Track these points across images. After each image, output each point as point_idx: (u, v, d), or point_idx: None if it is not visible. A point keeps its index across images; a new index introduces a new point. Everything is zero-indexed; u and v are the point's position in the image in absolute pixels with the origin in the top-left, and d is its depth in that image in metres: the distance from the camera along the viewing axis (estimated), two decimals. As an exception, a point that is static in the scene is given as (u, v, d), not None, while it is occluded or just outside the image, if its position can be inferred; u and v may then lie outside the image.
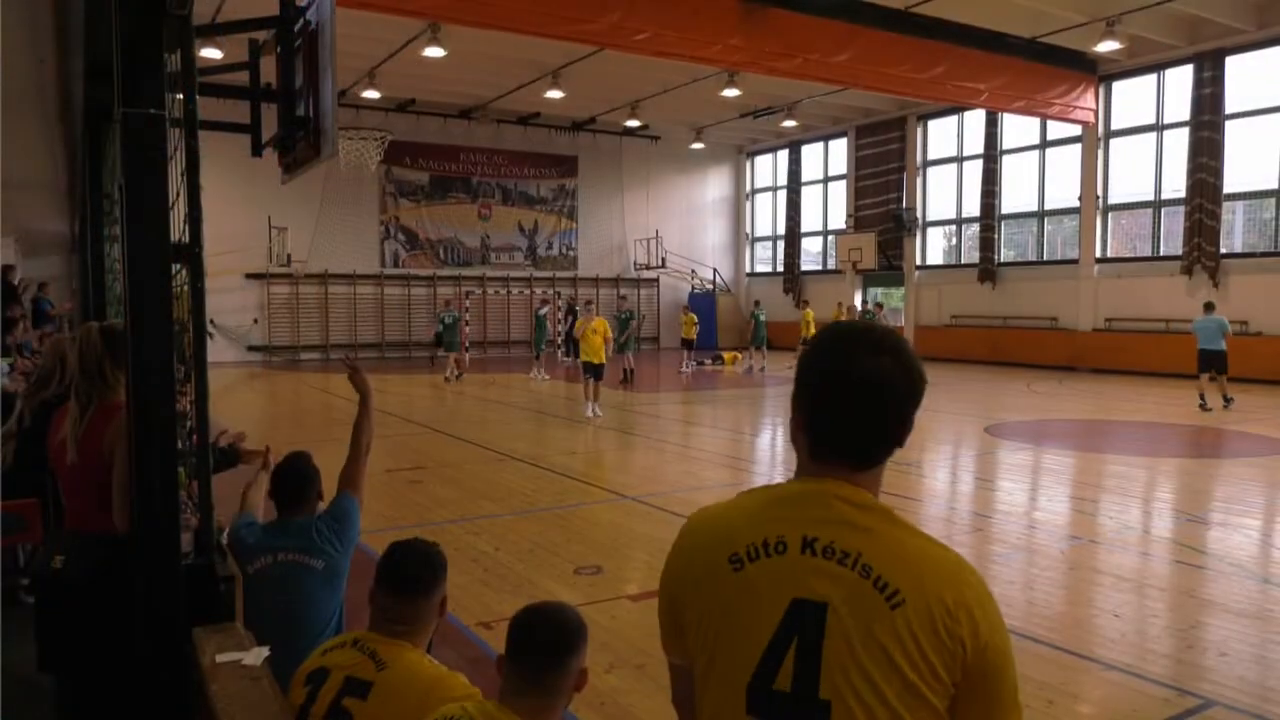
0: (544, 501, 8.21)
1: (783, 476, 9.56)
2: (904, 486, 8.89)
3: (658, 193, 32.34)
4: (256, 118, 4.44)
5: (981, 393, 17.39)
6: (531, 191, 30.35)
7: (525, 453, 10.78)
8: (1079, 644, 4.84)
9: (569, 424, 13.48)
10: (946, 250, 27.72)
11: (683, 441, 11.88)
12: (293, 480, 3.36)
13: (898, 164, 27.51)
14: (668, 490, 8.66)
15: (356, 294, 27.45)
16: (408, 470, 9.72)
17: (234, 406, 15.66)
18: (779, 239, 32.75)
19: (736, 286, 33.85)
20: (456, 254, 29.20)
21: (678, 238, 32.30)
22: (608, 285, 31.51)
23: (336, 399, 17.32)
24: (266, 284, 26.15)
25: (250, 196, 24.32)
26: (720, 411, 15.75)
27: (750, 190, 34.12)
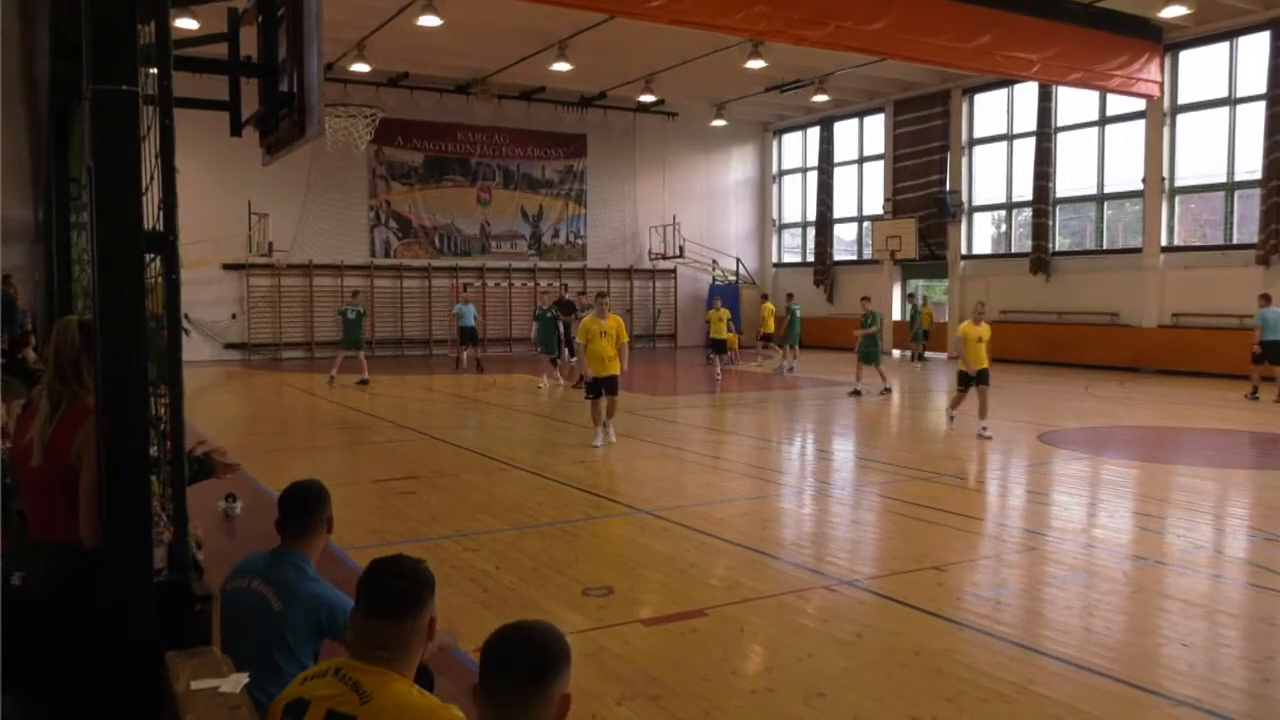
0: (549, 515, 8.22)
1: (813, 488, 9.51)
2: (949, 501, 8.85)
3: (675, 175, 32.33)
4: (236, 94, 4.47)
5: (1034, 397, 17.29)
6: (536, 173, 30.40)
7: (528, 461, 10.79)
8: (1143, 676, 4.81)
9: (577, 430, 13.50)
10: (995, 238, 27.57)
11: (703, 450, 11.86)
12: (295, 506, 3.38)
13: (940, 142, 27.39)
14: (687, 504, 8.65)
15: (344, 286, 27.56)
16: (399, 480, 9.74)
17: (210, 409, 15.75)
18: (809, 226, 32.67)
19: (762, 278, 33.79)
20: (453, 242, 29.30)
21: (697, 224, 32.28)
22: (620, 276, 31.52)
23: (321, 401, 17.40)
24: (246, 275, 26.31)
25: (229, 180, 24.43)
26: (745, 416, 15.71)
27: (777, 172, 34.05)
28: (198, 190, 22.24)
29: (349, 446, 12.31)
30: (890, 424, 15.02)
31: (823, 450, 12.27)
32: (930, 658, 5.00)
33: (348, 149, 21.16)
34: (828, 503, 9.01)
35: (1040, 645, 5.21)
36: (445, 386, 19.75)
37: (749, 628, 5.48)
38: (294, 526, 3.33)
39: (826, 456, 11.82)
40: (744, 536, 7.44)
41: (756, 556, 6.94)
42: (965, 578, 6.48)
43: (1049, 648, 5.17)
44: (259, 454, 11.28)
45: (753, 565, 6.76)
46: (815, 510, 8.78)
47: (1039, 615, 5.77)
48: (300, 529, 3.34)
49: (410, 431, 13.31)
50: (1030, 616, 5.74)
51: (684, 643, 5.23)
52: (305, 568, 3.27)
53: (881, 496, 9.11)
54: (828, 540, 7.55)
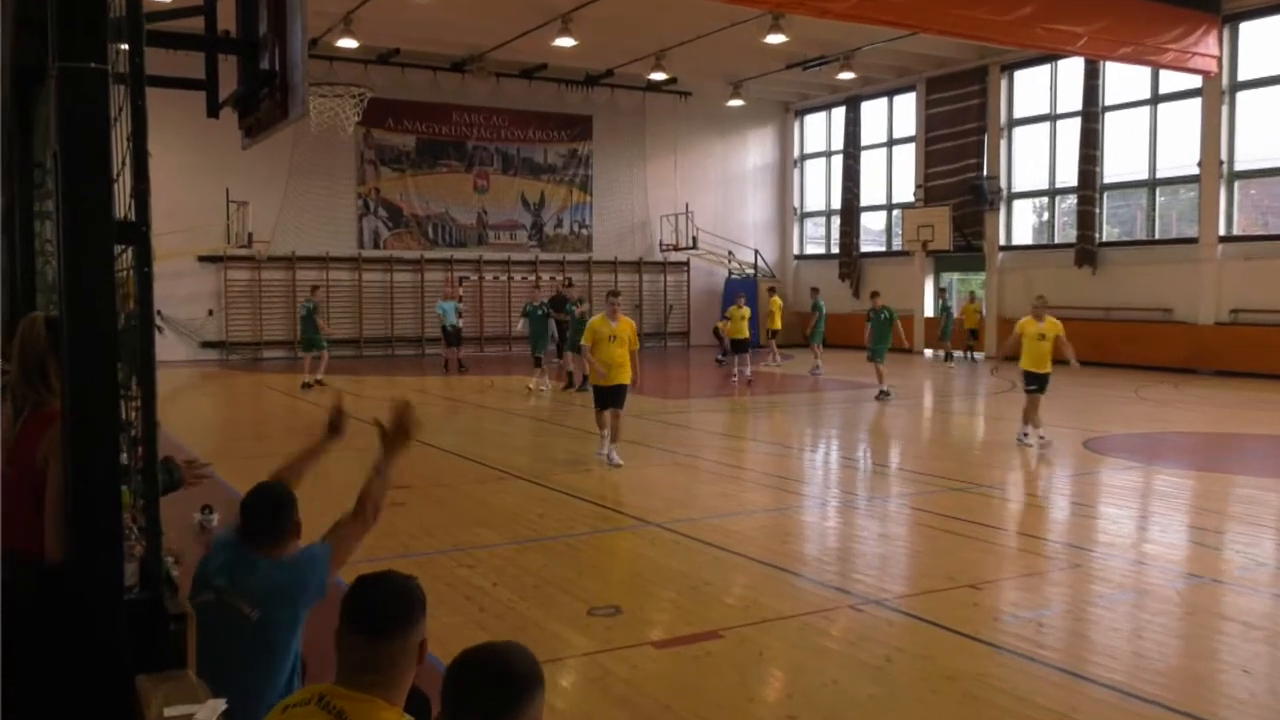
0: (551, 528, 8.23)
1: (837, 499, 9.50)
2: (986, 514, 8.83)
3: (688, 159, 32.35)
4: (213, 72, 4.49)
5: (1079, 400, 17.23)
6: (537, 158, 30.45)
7: (529, 470, 10.82)
8: (1198, 704, 4.79)
9: (581, 435, 13.51)
10: (1036, 227, 27.49)
11: (719, 458, 11.86)
12: (260, 509, 3.38)
13: (977, 124, 27.34)
14: (700, 516, 8.66)
15: (330, 280, 27.63)
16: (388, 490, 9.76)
17: (185, 413, 15.81)
18: (833, 214, 32.64)
19: (782, 271, 33.77)
20: (448, 232, 29.36)
21: (712, 213, 32.29)
22: (628, 270, 31.55)
23: (304, 404, 17.46)
24: (223, 268, 26.42)
25: (205, 166, 24.51)
26: (764, 421, 15.69)
27: (799, 156, 34.03)
28: (172, 176, 22.35)
29: (332, 453, 12.31)
30: (922, 430, 14.98)
31: (848, 458, 12.25)
32: (965, 684, 4.99)
33: (334, 132, 21.21)
34: (854, 515, 9.00)
35: (1085, 671, 5.19)
36: (438, 388, 19.80)
37: (768, 651, 5.48)
38: (259, 535, 3.34)
39: (852, 465, 11.81)
40: (763, 552, 7.44)
41: (776, 573, 6.93)
42: (1003, 597, 6.46)
43: (1095, 673, 5.15)
44: (237, 461, 11.32)
45: (772, 583, 6.75)
46: (840, 523, 8.77)
47: (1084, 638, 5.75)
48: (266, 537, 3.34)
49: (401, 437, 13.34)
50: (1075, 639, 5.72)
51: (698, 667, 5.23)
52: (262, 563, 3.28)
53: (912, 509, 9.09)
54: (854, 556, 7.54)
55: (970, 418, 16.76)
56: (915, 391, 19.72)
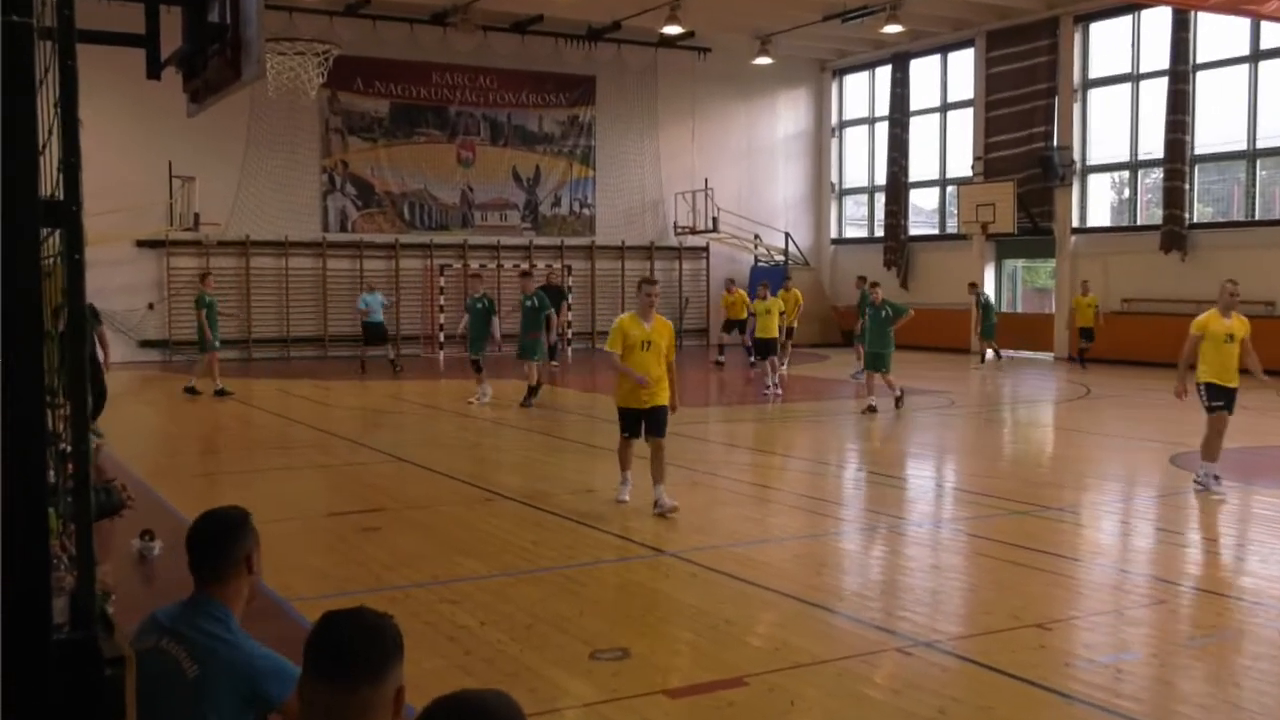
0: (548, 557, 8.25)
1: (881, 524, 9.43)
2: (1056, 541, 8.81)
3: (708, 128, 32.37)
4: (154, 26, 4.50)
5: (1165, 408, 17.15)
6: (531, 126, 30.51)
7: (522, 489, 10.83)
8: (1304, 764, 4.77)
9: (584, 451, 13.50)
10: (1115, 206, 27.41)
11: (743, 475, 11.85)
12: (200, 539, 3.39)
13: (1046, 85, 27.28)
14: (721, 543, 8.66)
15: (289, 269, 27.74)
16: (359, 513, 9.79)
17: (122, 424, 15.86)
18: (877, 191, 32.61)
19: (818, 257, 33.75)
20: (428, 213, 29.44)
21: (735, 190, 32.30)
22: (637, 256, 31.58)
23: (260, 413, 17.51)
24: (166, 255, 26.54)
25: (145, 135, 24.61)
26: (795, 433, 15.67)
27: (837, 123, 34.01)
28: (106, 148, 22.45)
29: (296, 470, 12.38)
30: (981, 443, 14.96)
31: (893, 476, 12.24)
32: (1031, 740, 4.98)
33: (295, 96, 21.29)
34: (900, 543, 8.98)
35: (1173, 725, 5.18)
36: (416, 395, 19.85)
37: (800, 701, 5.48)
38: (207, 567, 3.35)
39: (898, 484, 11.79)
40: (794, 585, 7.44)
41: (810, 610, 6.93)
42: (1076, 638, 6.45)
43: (1184, 728, 5.14)
44: (183, 480, 11.36)
45: (805, 621, 6.75)
46: (884, 552, 8.76)
47: (1170, 686, 5.74)
48: (215, 570, 3.35)
49: (373, 452, 13.37)
50: (1159, 687, 5.71)
51: (718, 719, 5.24)
52: (226, 619, 3.29)
53: (969, 535, 9.07)
54: (901, 590, 7.54)
55: (1036, 428, 16.72)
56: (972, 399, 19.68)
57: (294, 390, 20.53)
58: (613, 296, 31.15)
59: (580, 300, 30.43)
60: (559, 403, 18.91)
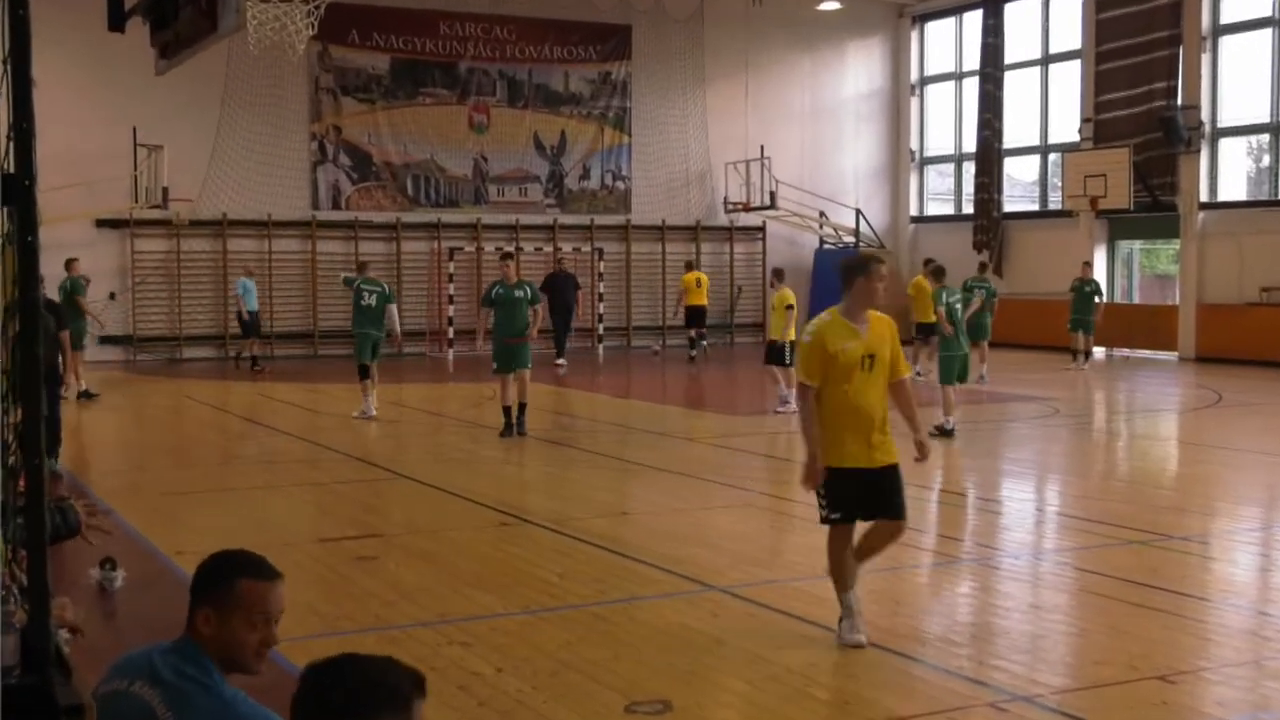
0: (576, 592, 8.25)
1: (970, 556, 9.35)
2: (1181, 576, 8.73)
3: (764, 86, 32.27)
4: (117, -30, 4.55)
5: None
6: (556, 84, 30.52)
7: (545, 512, 10.84)
8: None
9: (616, 467, 13.49)
10: (1253, 176, 27.09)
11: (806, 497, 11.77)
12: (203, 572, 3.43)
13: (1168, 31, 27.00)
14: (780, 576, 8.63)
15: (273, 253, 27.88)
16: (353, 540, 9.81)
17: (81, 433, 16.01)
18: (965, 160, 32.40)
19: (894, 238, 33.56)
20: (434, 187, 29.52)
21: (796, 160, 32.20)
22: (680, 237, 31.52)
23: (239, 421, 17.61)
24: (129, 236, 26.76)
25: (106, 97, 24.82)
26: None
27: (918, 80, 33.81)
28: (61, 112, 22.62)
29: (280, 489, 12.44)
30: (1091, 460, 14.84)
31: (985, 499, 12.16)
32: (1151, 814, 4.94)
33: (279, 50, 21.39)
34: (994, 577, 8.92)
35: (1321, 797, 5.12)
36: (419, 400, 19.91)
37: (874, 765, 5.45)
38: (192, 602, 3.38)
39: (991, 508, 11.71)
40: (868, 627, 7.40)
41: (886, 658, 6.89)
42: (1205, 693, 6.39)
43: (1335, 801, 5.08)
44: (149, 499, 11.44)
45: (880, 671, 6.72)
46: (975, 588, 8.70)
47: (1319, 752, 5.67)
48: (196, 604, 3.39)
49: (371, 467, 13.42)
50: (1306, 753, 5.64)
51: (776, 786, 5.23)
52: (209, 667, 3.32)
53: (1076, 569, 9.00)
54: (994, 634, 7.48)
55: (1157, 442, 16.55)
56: (1080, 406, 19.52)
57: (278, 395, 20.64)
58: (651, 285, 31.13)
59: (613, 290, 30.43)
60: (587, 410, 18.93)
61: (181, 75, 23.06)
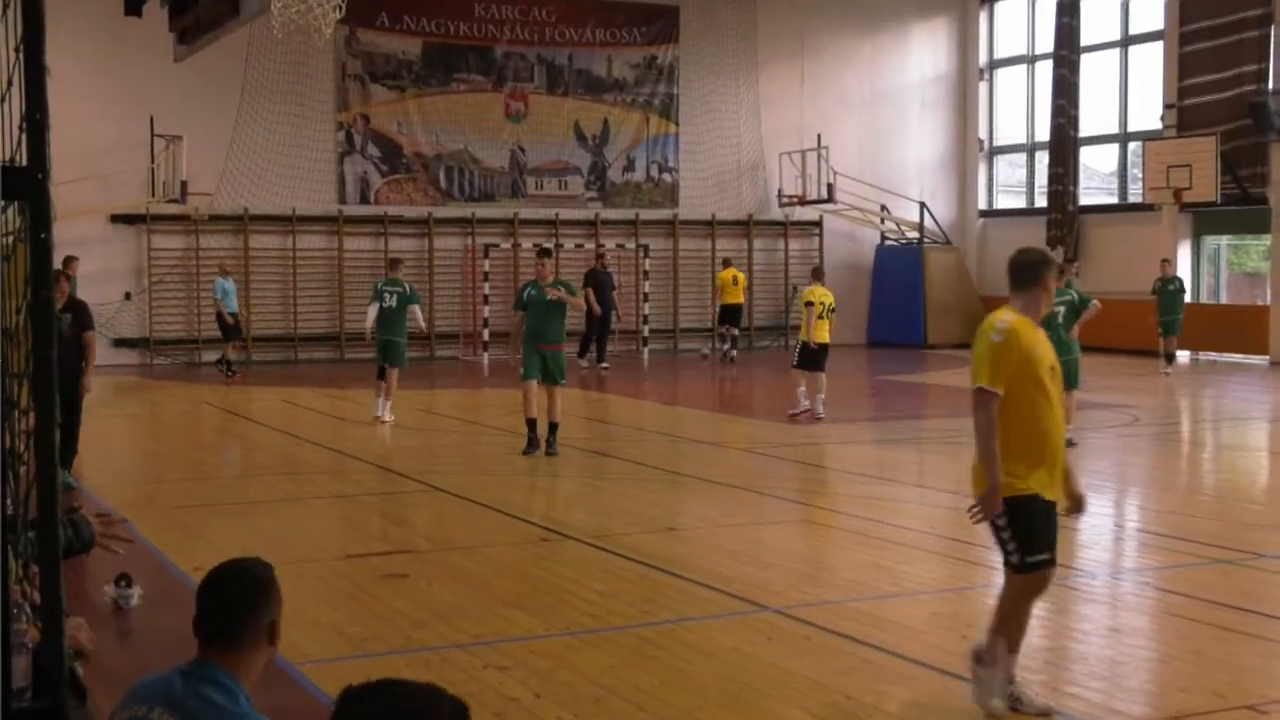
0: (620, 613, 8.23)
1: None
2: (1268, 596, 8.64)
3: (821, 70, 32.20)
4: (135, -49, 4.60)
5: None
6: (598, 69, 30.56)
7: (586, 527, 10.83)
8: None
9: (664, 479, 13.47)
10: (1350, 167, 26.80)
11: (865, 510, 11.74)
12: (222, 599, 3.43)
13: (1259, 10, 26.74)
14: (841, 597, 8.60)
15: (297, 250, 28.04)
16: (382, 556, 9.86)
17: (94, 442, 16.12)
18: (1038, 150, 32.21)
19: (961, 235, 33.38)
20: (468, 180, 29.62)
21: (856, 149, 32.12)
22: (731, 232, 31.50)
23: (261, 430, 17.72)
24: (146, 233, 26.99)
25: (121, 86, 25.05)
26: (937, 457, 15.55)
27: (988, 63, 33.64)
28: (75, 102, 22.84)
29: (305, 501, 12.50)
30: (1174, 472, 14.70)
31: (1059, 514, 12.05)
32: None
33: (304, 35, 21.50)
34: (1069, 598, 8.85)
35: None
36: (452, 407, 19.98)
37: (941, 799, 5.42)
38: (220, 631, 3.39)
39: (1066, 524, 11.60)
40: (934, 652, 7.36)
41: (954, 684, 6.85)
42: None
43: None
44: (167, 512, 11.52)
45: (948, 698, 6.68)
46: (1049, 610, 8.62)
47: None
48: (229, 635, 3.39)
49: (400, 478, 13.47)
50: None
51: (835, 821, 5.20)
52: (235, 691, 3.33)
53: (1158, 589, 8.93)
54: (1070, 659, 7.43)
55: (1246, 453, 16.38)
56: (1162, 415, 19.34)
57: (302, 401, 20.76)
58: (700, 284, 31.09)
59: (659, 289, 30.43)
60: (631, 418, 18.92)
61: (201, 62, 23.33)
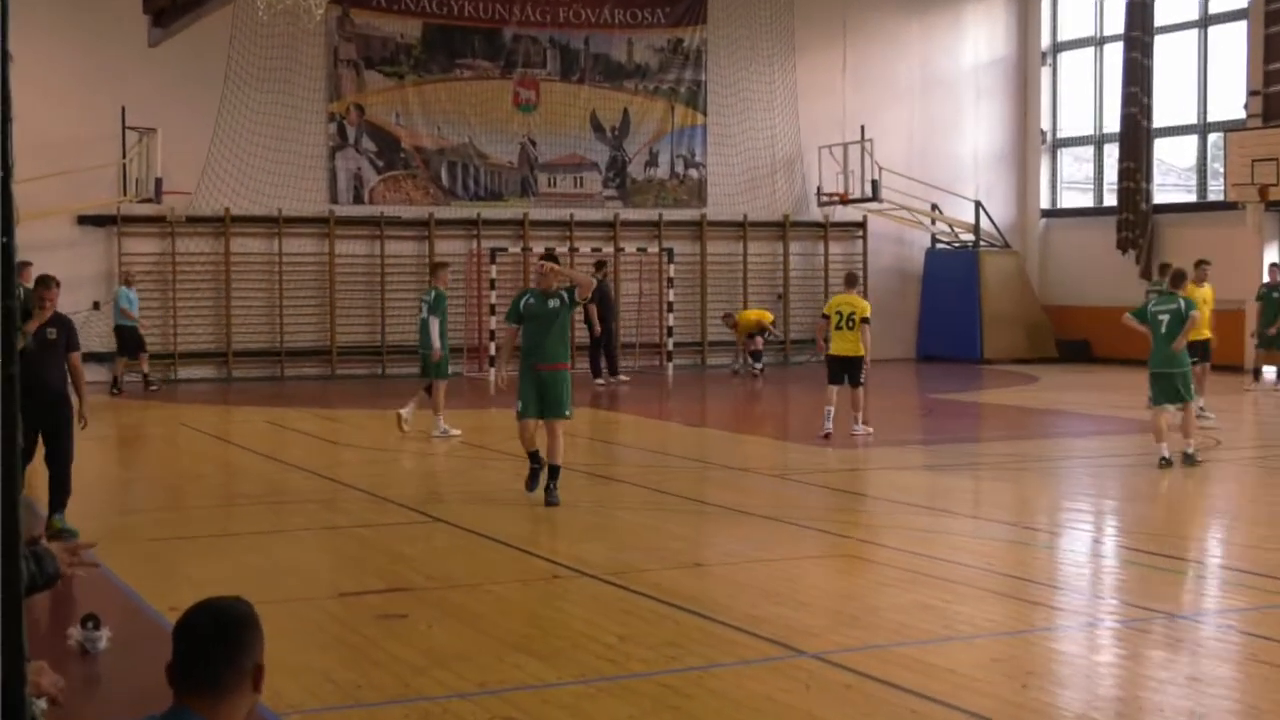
0: (641, 658, 8.23)
1: (1115, 617, 9.30)
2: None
3: (865, 54, 32.22)
4: (106, -74, 4.64)
5: None
6: (617, 54, 30.60)
7: (603, 562, 10.82)
8: None
9: (689, 509, 13.46)
10: None
11: (911, 545, 11.71)
12: (200, 642, 3.46)
13: (1355, -14, 26.69)
14: (885, 641, 8.59)
15: (283, 255, 28.10)
16: (379, 594, 9.86)
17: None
18: (1107, 142, 32.15)
19: (1021, 237, 33.30)
20: (474, 177, 29.67)
21: (904, 143, 32.12)
22: (765, 234, 31.50)
23: (243, 454, 17.74)
24: (117, 235, 27.08)
25: (91, 73, 25.13)
26: (993, 484, 15.53)
27: (1051, 46, 33.60)
28: (40, 91, 22.95)
29: (292, 534, 12.51)
30: (1260, 500, 14.64)
31: (1132, 549, 12.02)
32: None
33: (293, 17, 21.60)
34: (1142, 642, 8.82)
35: None
36: (459, 429, 19.92)
37: None
38: (197, 676, 3.42)
39: (1139, 560, 11.58)
40: (990, 701, 7.35)
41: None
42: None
43: None
44: (138, 546, 11.54)
45: (1005, 754, 6.67)
46: (1120, 656, 8.61)
47: None
48: (207, 681, 3.41)
49: (398, 508, 13.47)
50: None
51: None
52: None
53: (1243, 634, 8.89)
54: (1145, 711, 7.40)
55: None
56: (1248, 437, 19.26)
57: (290, 422, 20.79)
58: (730, 292, 31.06)
59: (685, 298, 30.43)
60: (654, 441, 18.91)
61: (178, 47, 23.44)
